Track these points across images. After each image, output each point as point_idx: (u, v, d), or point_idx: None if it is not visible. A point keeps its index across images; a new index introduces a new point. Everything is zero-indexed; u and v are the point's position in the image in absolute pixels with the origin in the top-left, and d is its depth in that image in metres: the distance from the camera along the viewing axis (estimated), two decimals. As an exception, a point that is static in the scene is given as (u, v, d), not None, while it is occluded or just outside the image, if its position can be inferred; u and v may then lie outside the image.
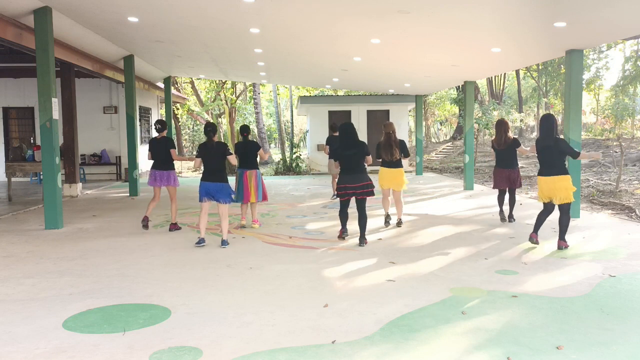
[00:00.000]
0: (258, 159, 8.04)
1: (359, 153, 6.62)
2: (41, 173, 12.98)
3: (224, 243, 6.59)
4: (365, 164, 6.73)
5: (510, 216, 8.21)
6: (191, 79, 27.60)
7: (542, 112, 33.02)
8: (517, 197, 11.27)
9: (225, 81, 26.37)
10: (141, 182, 13.40)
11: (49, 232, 7.62)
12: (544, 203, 6.41)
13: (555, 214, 6.46)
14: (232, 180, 7.25)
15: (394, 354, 3.34)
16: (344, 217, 6.86)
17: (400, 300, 4.41)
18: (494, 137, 8.19)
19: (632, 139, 21.16)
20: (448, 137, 39.07)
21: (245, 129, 7.95)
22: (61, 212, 7.97)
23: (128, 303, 4.40)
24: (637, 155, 16.75)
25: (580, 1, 6.14)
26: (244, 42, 9.96)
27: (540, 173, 6.35)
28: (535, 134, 34.11)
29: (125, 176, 15.78)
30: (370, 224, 8.09)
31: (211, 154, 6.58)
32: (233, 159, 6.86)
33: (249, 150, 7.78)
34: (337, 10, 7.25)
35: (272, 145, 37.19)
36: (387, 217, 8.00)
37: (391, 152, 7.63)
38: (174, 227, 7.70)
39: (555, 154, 6.18)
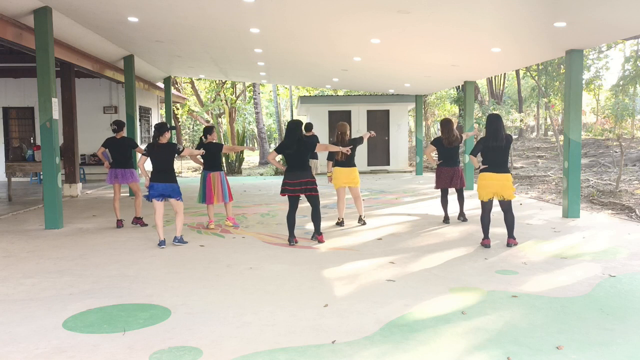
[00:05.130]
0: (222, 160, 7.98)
1: (309, 148, 6.66)
2: (41, 173, 12.99)
3: (176, 240, 6.58)
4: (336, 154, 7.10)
5: (462, 214, 8.28)
6: (191, 79, 27.59)
7: (542, 112, 33.02)
8: (518, 196, 11.27)
9: (225, 81, 26.36)
10: (140, 182, 13.35)
11: (49, 232, 7.63)
12: (483, 202, 6.41)
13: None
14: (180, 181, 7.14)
15: (394, 354, 3.34)
16: (293, 220, 6.65)
17: (400, 300, 4.41)
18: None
19: (632, 139, 21.15)
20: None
21: (209, 131, 7.74)
22: (61, 212, 7.98)
23: (128, 303, 4.40)
24: (637, 155, 16.75)
25: (580, 1, 6.15)
26: (244, 42, 9.96)
27: (489, 170, 6.30)
28: (535, 134, 34.11)
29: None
30: (370, 224, 8.10)
31: (159, 154, 6.46)
32: (188, 151, 6.61)
33: (216, 152, 7.64)
34: (337, 10, 7.25)
35: (273, 145, 37.18)
36: (341, 221, 7.99)
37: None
38: (138, 221, 8.14)
39: (505, 153, 6.33)
